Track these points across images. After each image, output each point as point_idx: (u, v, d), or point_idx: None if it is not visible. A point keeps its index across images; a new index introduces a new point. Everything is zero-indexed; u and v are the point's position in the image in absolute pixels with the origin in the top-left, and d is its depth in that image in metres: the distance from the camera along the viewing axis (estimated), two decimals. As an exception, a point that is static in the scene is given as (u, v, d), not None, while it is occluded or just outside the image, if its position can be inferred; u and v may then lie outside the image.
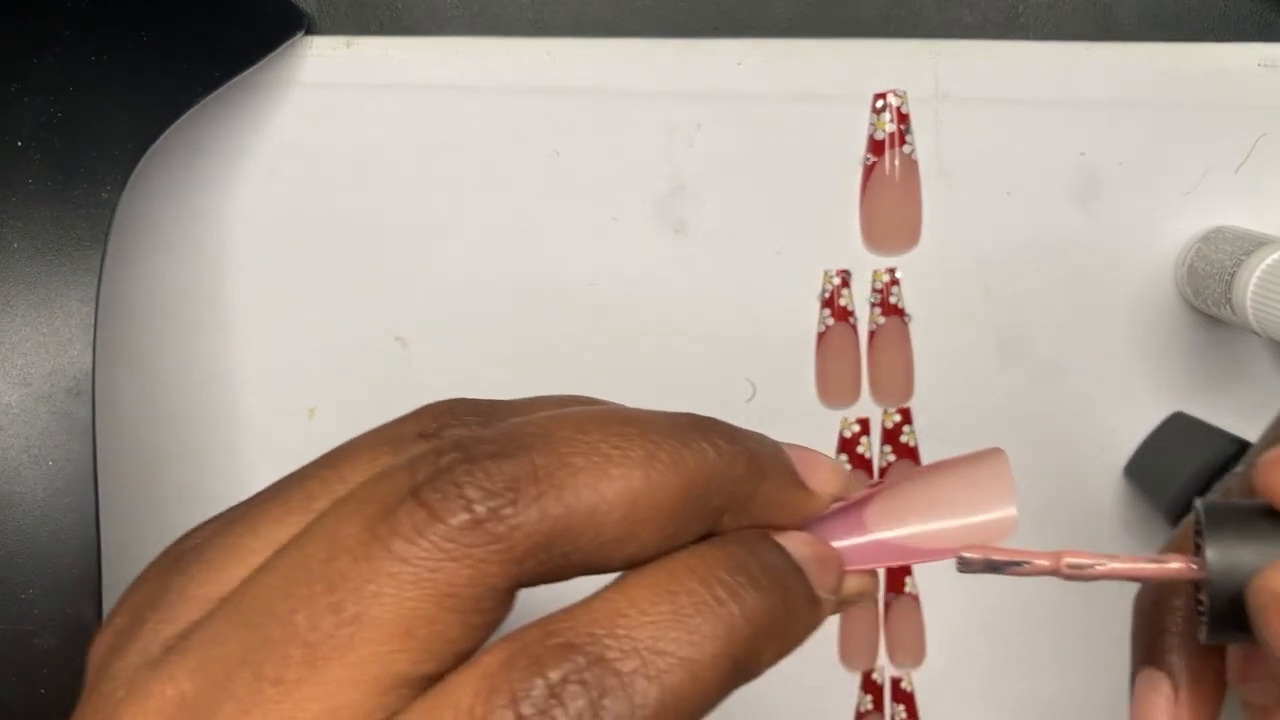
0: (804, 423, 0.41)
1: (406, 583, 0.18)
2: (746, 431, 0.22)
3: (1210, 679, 0.25)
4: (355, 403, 0.40)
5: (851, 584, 0.23)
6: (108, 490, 0.33)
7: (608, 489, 0.19)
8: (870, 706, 0.42)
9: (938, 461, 0.24)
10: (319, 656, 0.18)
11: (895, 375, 0.41)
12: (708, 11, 0.40)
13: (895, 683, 0.42)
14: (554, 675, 0.18)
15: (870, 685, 0.42)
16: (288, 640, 0.18)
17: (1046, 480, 0.41)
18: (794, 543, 0.22)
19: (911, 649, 0.42)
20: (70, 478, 0.31)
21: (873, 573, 0.23)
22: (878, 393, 0.41)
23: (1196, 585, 0.22)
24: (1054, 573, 0.22)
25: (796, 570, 0.21)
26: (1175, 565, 0.22)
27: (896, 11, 0.40)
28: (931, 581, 0.41)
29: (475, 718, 0.18)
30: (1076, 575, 0.22)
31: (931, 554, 0.23)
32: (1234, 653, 0.25)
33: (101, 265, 0.32)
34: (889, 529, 0.23)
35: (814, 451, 0.23)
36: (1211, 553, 0.22)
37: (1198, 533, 0.22)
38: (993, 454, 0.23)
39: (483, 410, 0.22)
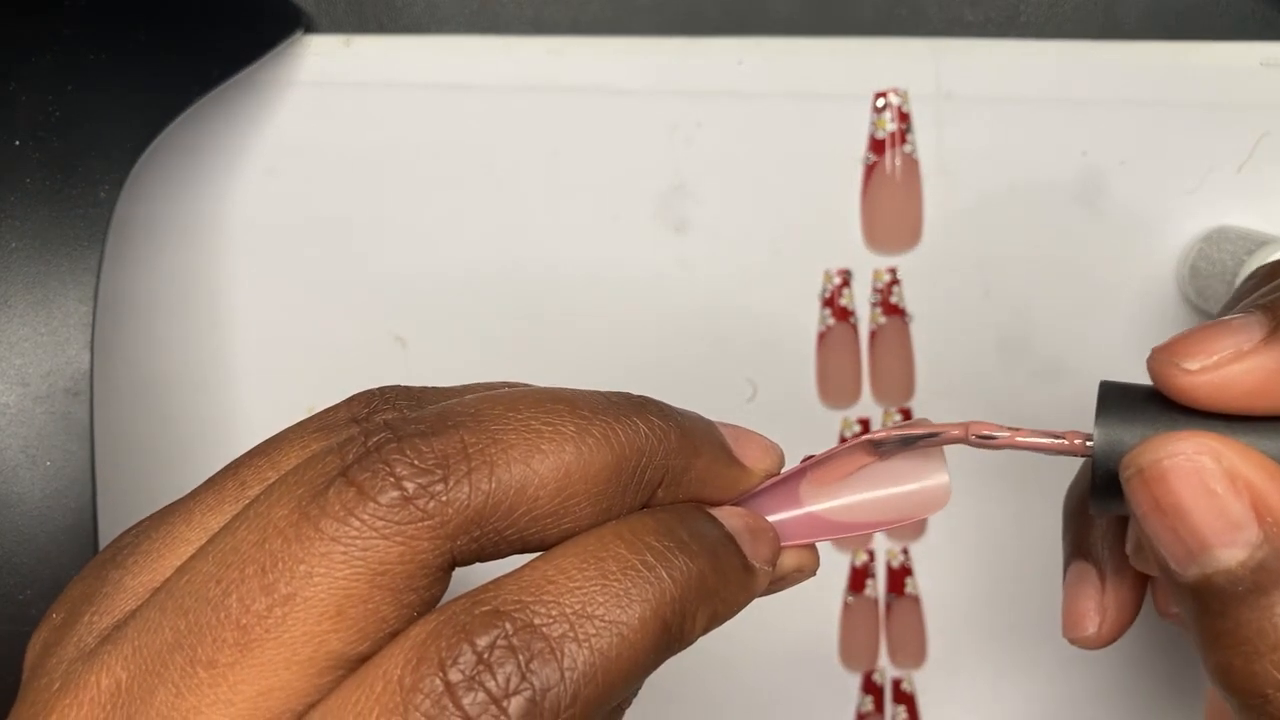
0: (804, 423, 0.41)
1: (338, 562, 0.18)
2: (680, 409, 0.22)
3: (1131, 567, 0.27)
4: (354, 403, 0.40)
5: (790, 559, 0.23)
6: (106, 491, 0.33)
7: (539, 464, 0.20)
8: (871, 707, 0.42)
9: (872, 433, 0.24)
10: (252, 639, 0.18)
11: (896, 375, 0.41)
12: (708, 10, 0.39)
13: (896, 684, 0.42)
14: (481, 642, 0.18)
15: (871, 686, 0.42)
16: (220, 623, 0.19)
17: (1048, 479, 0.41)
18: (726, 514, 0.22)
19: (912, 650, 0.42)
20: (68, 478, 0.31)
21: (812, 547, 0.24)
22: (878, 392, 0.41)
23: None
24: (963, 440, 0.23)
25: (728, 539, 0.22)
26: (1066, 442, 0.23)
27: (897, 10, 0.40)
28: (933, 583, 0.41)
29: (405, 688, 0.18)
30: (984, 444, 0.23)
31: (868, 526, 0.24)
32: (1130, 532, 0.26)
33: (100, 265, 0.32)
34: (824, 502, 0.24)
35: (747, 429, 0.23)
36: (1098, 431, 0.23)
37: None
38: (922, 425, 0.24)
39: (414, 395, 0.23)
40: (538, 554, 0.20)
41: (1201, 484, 0.21)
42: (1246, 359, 0.22)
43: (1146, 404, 0.23)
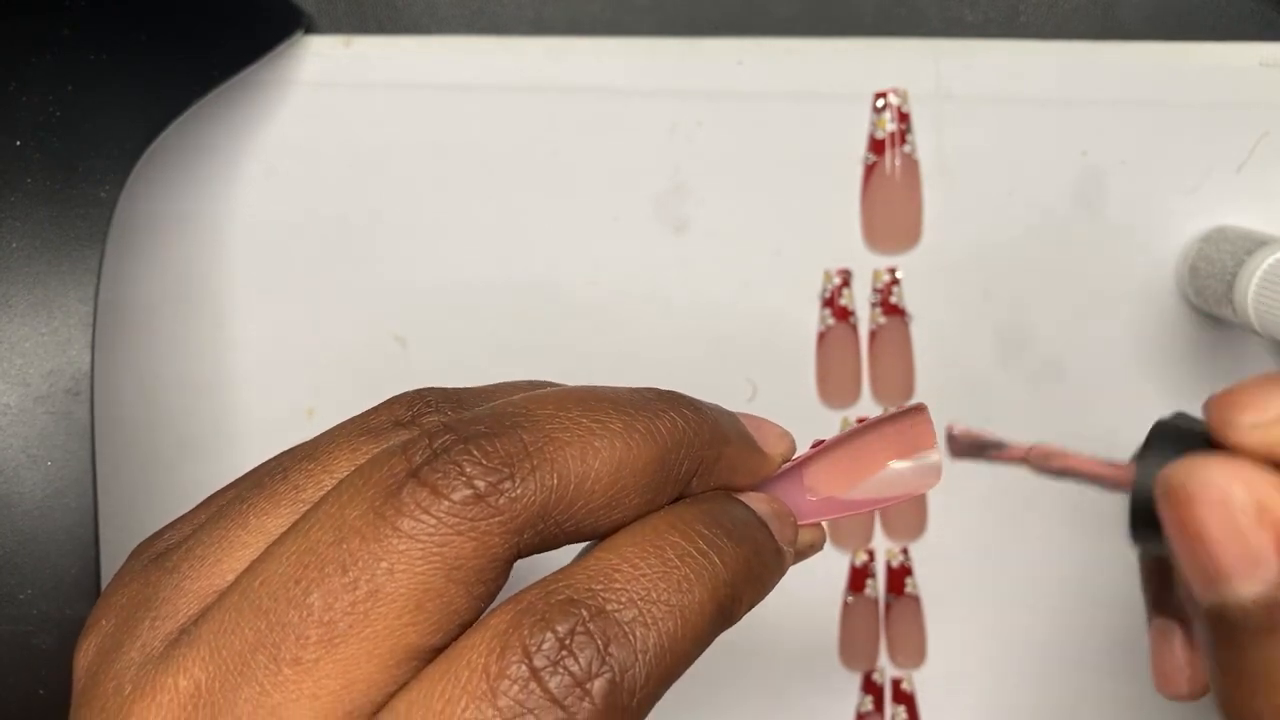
0: (804, 422, 0.40)
1: (417, 558, 0.19)
2: (706, 402, 0.23)
3: None
4: (354, 403, 0.40)
5: (804, 536, 0.25)
6: (106, 490, 0.33)
7: (594, 460, 0.21)
8: (871, 707, 0.42)
9: (870, 419, 0.26)
10: (336, 634, 0.19)
11: (896, 375, 0.41)
12: (708, 11, 0.39)
13: (896, 683, 0.42)
14: (561, 629, 0.19)
15: (871, 686, 0.42)
16: (304, 621, 0.19)
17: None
18: (755, 500, 0.24)
19: (912, 650, 0.42)
20: (69, 478, 0.31)
21: (820, 525, 0.25)
22: (878, 392, 0.41)
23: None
24: (1024, 459, 0.25)
25: (762, 524, 0.23)
26: (1113, 470, 0.24)
27: (897, 10, 0.40)
28: (933, 583, 0.41)
29: (491, 675, 0.19)
30: (1042, 464, 0.24)
31: (868, 503, 0.26)
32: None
33: (100, 265, 0.32)
34: (828, 483, 0.26)
35: (762, 418, 0.25)
36: (1141, 462, 0.23)
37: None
38: (917, 409, 0.25)
39: (451, 397, 0.24)
40: (590, 543, 0.22)
41: (1227, 513, 0.21)
42: None
43: (1197, 444, 0.22)
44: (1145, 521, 0.23)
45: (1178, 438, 0.23)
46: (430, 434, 0.20)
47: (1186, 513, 0.21)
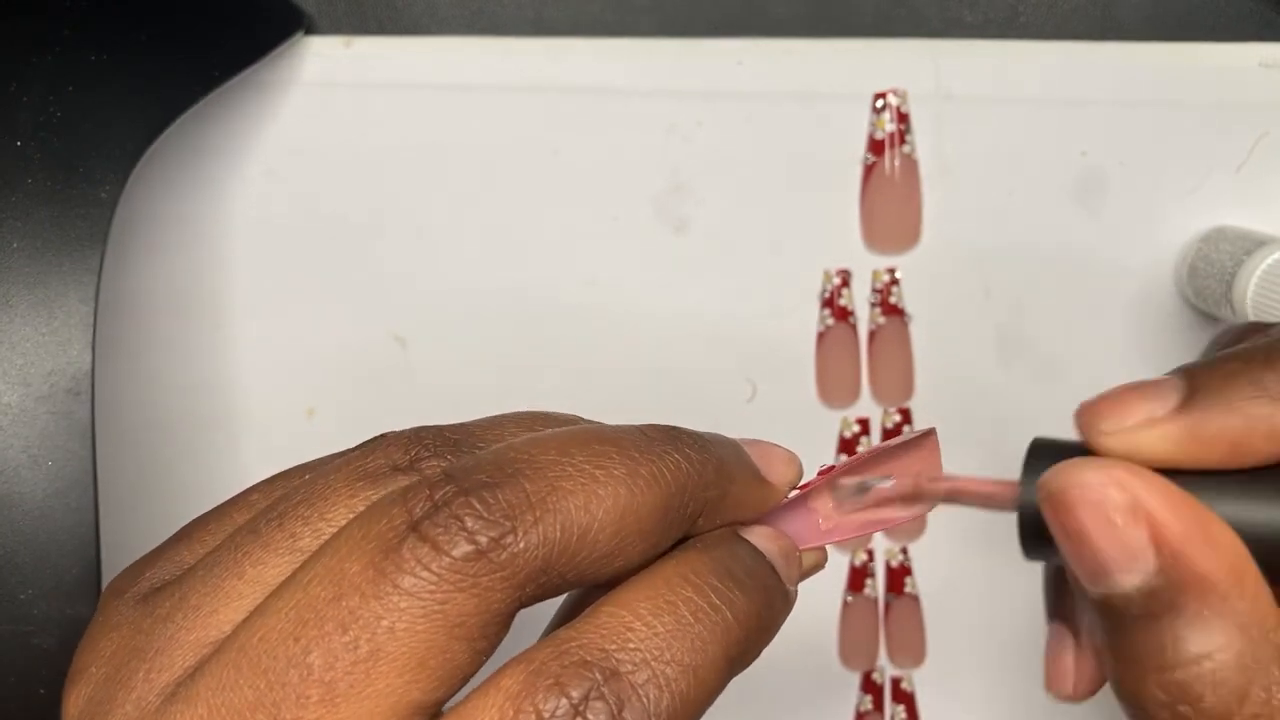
0: (804, 423, 0.41)
1: (418, 616, 0.19)
2: (709, 436, 0.23)
3: None
4: (354, 403, 0.40)
5: (807, 559, 0.25)
6: (107, 490, 0.33)
7: (598, 509, 0.20)
8: (870, 706, 0.42)
9: (881, 445, 0.26)
10: (337, 694, 0.19)
11: (895, 375, 0.41)
12: (708, 11, 0.39)
13: (895, 683, 0.42)
14: (575, 693, 0.19)
15: (870, 685, 0.42)
16: (304, 681, 0.19)
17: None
18: (762, 538, 0.23)
19: (912, 649, 0.42)
20: (69, 478, 0.31)
21: (822, 547, 0.25)
22: (878, 393, 0.41)
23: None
24: (915, 490, 0.25)
25: (771, 569, 0.23)
26: (1001, 487, 0.24)
27: (897, 11, 0.40)
28: (932, 583, 0.41)
29: None
30: (930, 489, 0.25)
31: (873, 525, 0.25)
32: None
33: (101, 265, 0.32)
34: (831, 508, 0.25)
35: (769, 444, 0.24)
36: (1023, 484, 0.23)
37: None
38: (926, 433, 0.25)
39: (448, 438, 0.23)
40: (594, 591, 0.22)
41: (1103, 514, 0.21)
42: (1158, 426, 0.23)
43: (1076, 456, 0.23)
44: (1035, 535, 0.23)
45: (1056, 451, 0.23)
46: (431, 484, 0.20)
47: (1067, 516, 0.22)
